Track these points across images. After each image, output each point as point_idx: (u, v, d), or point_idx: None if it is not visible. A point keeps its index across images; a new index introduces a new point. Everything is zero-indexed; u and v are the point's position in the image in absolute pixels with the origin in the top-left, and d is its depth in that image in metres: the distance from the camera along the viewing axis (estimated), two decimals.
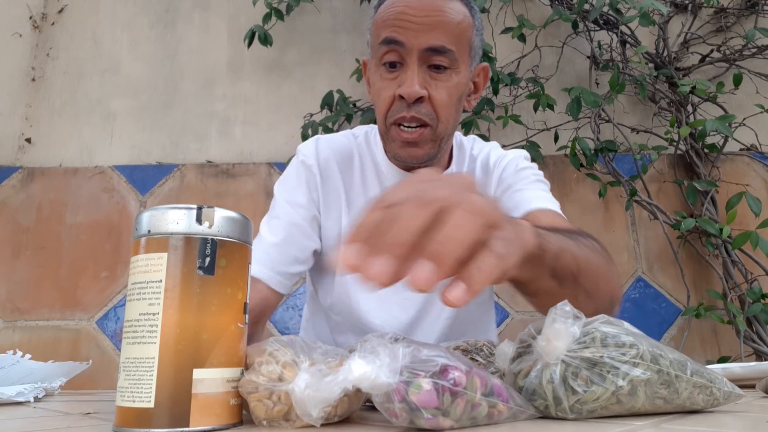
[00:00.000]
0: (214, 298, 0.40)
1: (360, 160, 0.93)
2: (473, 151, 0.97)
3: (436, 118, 0.80)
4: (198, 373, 0.38)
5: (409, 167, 0.88)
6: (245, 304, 0.43)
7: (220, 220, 0.41)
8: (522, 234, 0.45)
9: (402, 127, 0.80)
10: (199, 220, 0.41)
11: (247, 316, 0.43)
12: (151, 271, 0.40)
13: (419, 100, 0.79)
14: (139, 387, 0.38)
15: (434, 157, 0.85)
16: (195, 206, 0.41)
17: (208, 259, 0.40)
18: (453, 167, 0.93)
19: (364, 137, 0.96)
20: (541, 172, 0.94)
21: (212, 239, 0.41)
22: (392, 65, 0.80)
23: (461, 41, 0.80)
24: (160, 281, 0.39)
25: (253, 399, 0.40)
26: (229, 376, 0.40)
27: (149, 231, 0.41)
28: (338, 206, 0.91)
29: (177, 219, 0.40)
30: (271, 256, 0.85)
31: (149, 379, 0.38)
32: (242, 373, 0.42)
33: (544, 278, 0.53)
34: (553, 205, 0.86)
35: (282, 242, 0.86)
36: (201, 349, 0.39)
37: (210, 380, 0.39)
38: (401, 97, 0.79)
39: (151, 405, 0.37)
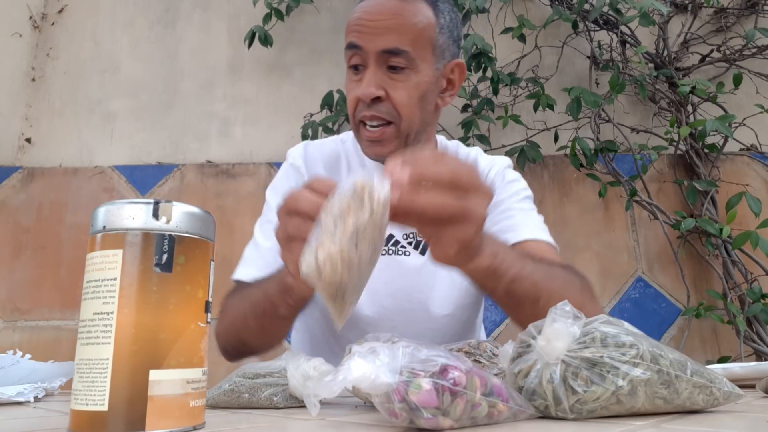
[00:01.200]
0: (172, 297, 0.39)
1: (347, 161, 0.98)
2: (459, 155, 0.99)
3: (398, 116, 0.83)
4: (155, 375, 0.37)
5: None
6: (207, 302, 0.42)
7: (178, 215, 0.40)
8: (480, 252, 0.56)
9: (367, 126, 0.84)
10: (156, 216, 0.39)
11: (209, 314, 0.42)
12: (106, 269, 0.38)
13: (377, 99, 0.82)
14: (92, 389, 0.37)
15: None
16: (152, 201, 0.40)
17: (165, 256, 0.39)
18: None
19: (352, 141, 1.00)
20: (524, 182, 0.98)
21: (170, 235, 0.39)
22: (356, 68, 0.84)
23: (419, 41, 0.82)
24: (115, 279, 0.38)
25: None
26: (189, 376, 0.39)
27: (104, 227, 0.39)
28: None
29: (133, 214, 0.39)
30: (267, 260, 0.86)
31: (103, 381, 0.36)
32: (203, 374, 0.41)
33: (497, 293, 0.63)
34: (544, 232, 0.89)
35: (276, 246, 0.87)
36: (158, 350, 0.38)
37: (167, 381, 0.38)
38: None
39: (105, 408, 0.36)
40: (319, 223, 0.43)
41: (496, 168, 0.99)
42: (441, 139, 1.03)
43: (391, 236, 0.94)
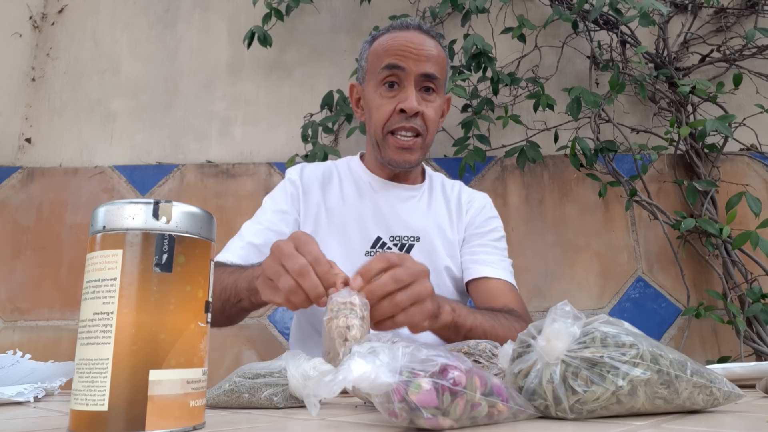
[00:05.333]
0: (172, 297, 0.39)
1: (339, 176, 1.12)
2: (444, 185, 1.16)
3: (426, 129, 1.01)
4: (155, 375, 0.37)
5: (391, 176, 1.09)
6: (207, 302, 0.42)
7: (178, 215, 0.40)
8: (442, 311, 0.73)
9: (399, 135, 1.00)
10: (156, 215, 0.39)
11: (209, 314, 0.42)
12: (106, 269, 0.39)
13: (415, 114, 0.99)
14: (92, 389, 0.37)
15: (418, 164, 1.08)
16: (152, 201, 0.40)
17: (165, 256, 0.39)
18: (425, 184, 1.14)
19: (345, 162, 1.16)
20: (501, 223, 1.14)
21: (170, 235, 0.39)
22: (391, 85, 0.99)
23: (443, 72, 1.03)
24: (115, 279, 0.38)
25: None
26: (189, 377, 0.39)
27: (104, 227, 0.39)
28: (318, 213, 1.07)
29: (133, 214, 0.39)
30: (248, 252, 0.97)
31: (103, 381, 0.37)
32: (203, 374, 0.41)
33: (459, 339, 0.77)
34: (510, 274, 1.06)
35: (262, 245, 0.99)
36: (158, 350, 0.38)
37: (168, 381, 0.38)
38: (401, 111, 0.98)
39: (105, 408, 0.36)
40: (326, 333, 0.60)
41: (478, 201, 1.15)
42: (428, 170, 1.18)
43: (378, 238, 1.01)
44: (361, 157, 1.17)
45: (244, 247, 0.98)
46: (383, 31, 1.04)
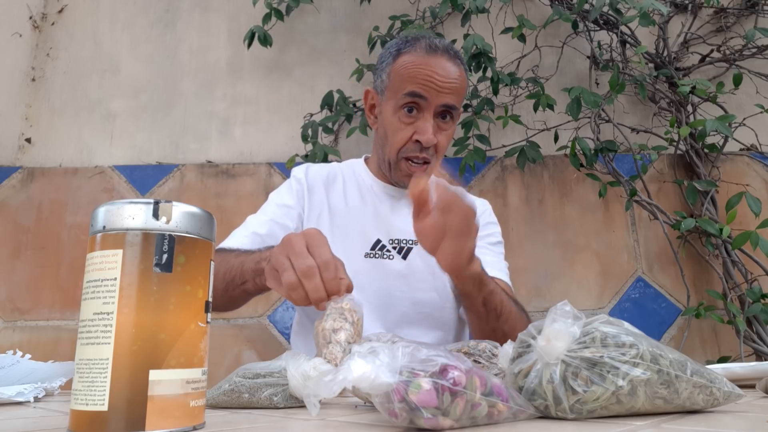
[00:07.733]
0: (172, 297, 0.39)
1: (343, 178, 1.15)
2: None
3: (437, 156, 1.04)
4: (155, 375, 0.37)
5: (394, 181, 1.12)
6: (207, 302, 0.42)
7: (178, 215, 0.40)
8: (476, 259, 0.76)
9: (411, 162, 1.03)
10: (156, 215, 0.39)
11: (209, 314, 0.42)
12: (106, 269, 0.39)
13: None
14: (92, 389, 0.37)
15: None
16: (152, 201, 0.40)
17: (165, 256, 0.39)
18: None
19: (349, 165, 1.19)
20: (499, 229, 1.18)
21: (170, 235, 0.40)
22: (410, 110, 1.01)
23: (461, 99, 1.05)
24: (115, 279, 0.38)
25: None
26: (189, 377, 0.39)
27: (104, 227, 0.40)
28: (321, 213, 1.09)
29: (133, 214, 0.39)
30: (253, 240, 0.99)
31: (103, 381, 0.37)
32: (203, 374, 0.41)
33: (477, 300, 0.81)
34: (506, 276, 1.09)
35: (266, 236, 1.01)
36: (158, 350, 0.38)
37: (167, 381, 0.38)
38: (417, 141, 1.00)
39: (105, 408, 0.36)
40: (324, 335, 0.62)
41: (478, 206, 1.16)
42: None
43: (378, 241, 1.06)
44: (366, 161, 1.19)
45: (248, 235, 1.01)
46: (409, 44, 1.03)
